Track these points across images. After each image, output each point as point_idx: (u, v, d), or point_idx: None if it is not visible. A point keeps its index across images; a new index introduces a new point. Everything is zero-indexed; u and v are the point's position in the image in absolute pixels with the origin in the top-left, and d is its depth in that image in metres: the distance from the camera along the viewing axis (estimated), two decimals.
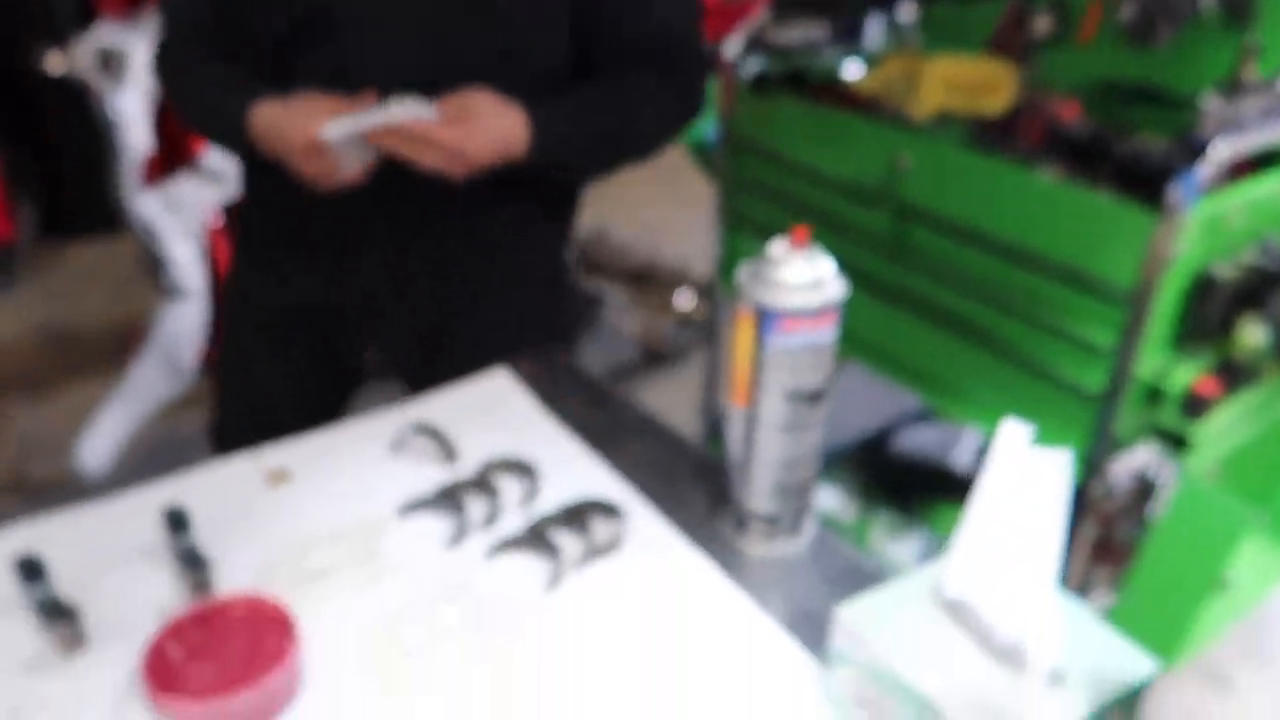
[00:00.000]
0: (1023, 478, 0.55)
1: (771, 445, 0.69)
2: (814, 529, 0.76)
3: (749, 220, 1.64)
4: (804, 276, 0.64)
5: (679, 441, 0.87)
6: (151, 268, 2.21)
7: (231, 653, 0.61)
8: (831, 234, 1.47)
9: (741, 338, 0.67)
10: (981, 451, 1.82)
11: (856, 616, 0.57)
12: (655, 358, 2.62)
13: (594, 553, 0.72)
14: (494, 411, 0.88)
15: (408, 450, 0.83)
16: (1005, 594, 0.55)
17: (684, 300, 2.74)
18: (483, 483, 0.78)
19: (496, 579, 0.70)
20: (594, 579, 0.70)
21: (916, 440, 1.85)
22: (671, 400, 2.40)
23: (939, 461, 1.81)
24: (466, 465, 0.81)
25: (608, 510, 0.76)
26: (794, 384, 0.66)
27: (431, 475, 0.80)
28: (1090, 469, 1.26)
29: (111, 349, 2.43)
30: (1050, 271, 1.21)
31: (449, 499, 0.76)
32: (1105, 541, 1.42)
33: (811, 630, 0.66)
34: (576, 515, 0.75)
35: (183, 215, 2.26)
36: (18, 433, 2.35)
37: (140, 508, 0.74)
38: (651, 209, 3.48)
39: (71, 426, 2.20)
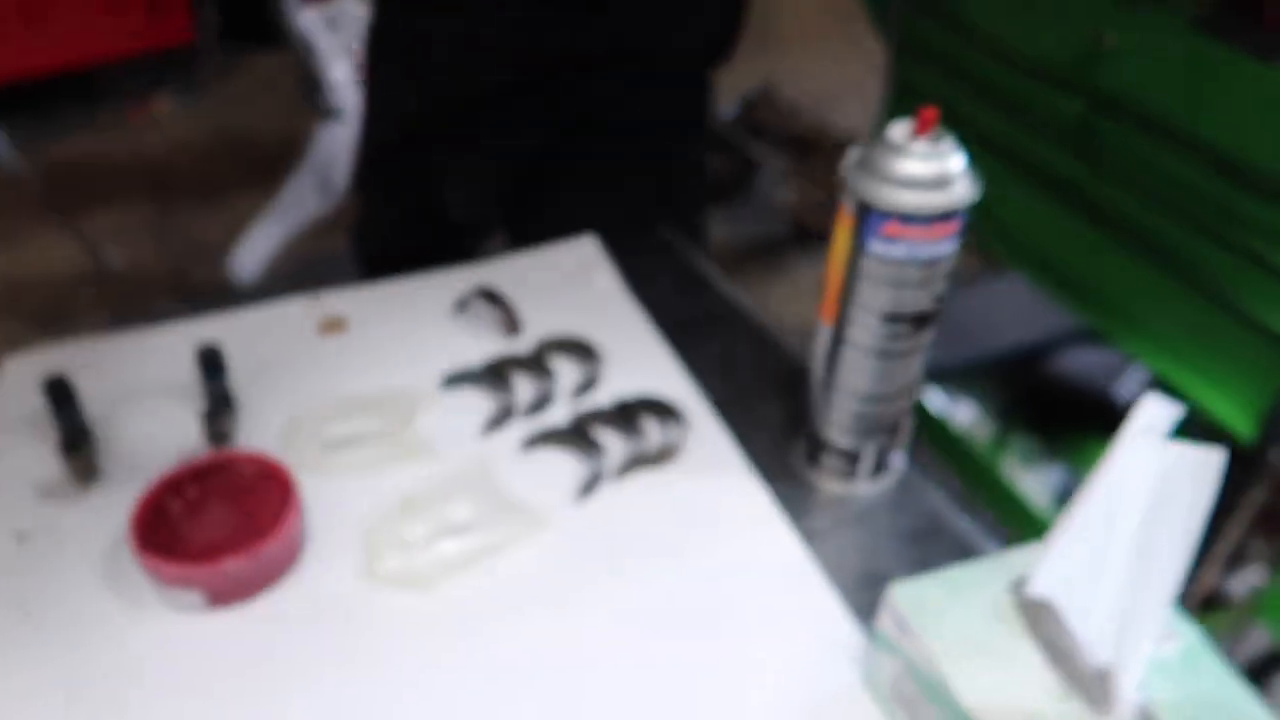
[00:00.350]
0: (1157, 470, 0.42)
1: (857, 372, 0.58)
2: (902, 469, 0.65)
3: (918, 93, 1.45)
4: (923, 171, 0.51)
5: (776, 345, 0.77)
6: (309, 86, 2.21)
7: (227, 515, 0.57)
8: (1009, 120, 1.28)
9: (839, 239, 0.56)
10: (1151, 386, 1.62)
11: (909, 598, 0.47)
12: (806, 235, 2.46)
13: (640, 461, 0.64)
14: (570, 284, 0.80)
15: (470, 315, 0.76)
16: (1105, 607, 0.44)
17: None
18: (537, 363, 0.71)
19: (527, 475, 0.63)
20: (633, 492, 0.62)
21: (1077, 363, 1.66)
22: (813, 285, 2.25)
23: (1099, 390, 1.62)
24: (528, 340, 0.74)
25: (666, 413, 0.67)
26: (893, 304, 0.54)
27: (489, 346, 0.73)
28: (1273, 426, 1.07)
29: (283, 160, 2.48)
30: (1275, 192, 1.00)
31: (496, 376, 0.69)
32: (1272, 510, 1.23)
33: (872, 594, 0.57)
34: (629, 414, 0.66)
35: (342, 34, 2.23)
36: (185, 235, 2.47)
37: (186, 341, 0.71)
38: (828, 69, 3.22)
39: (236, 234, 2.28)
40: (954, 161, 0.51)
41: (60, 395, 0.63)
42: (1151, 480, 0.42)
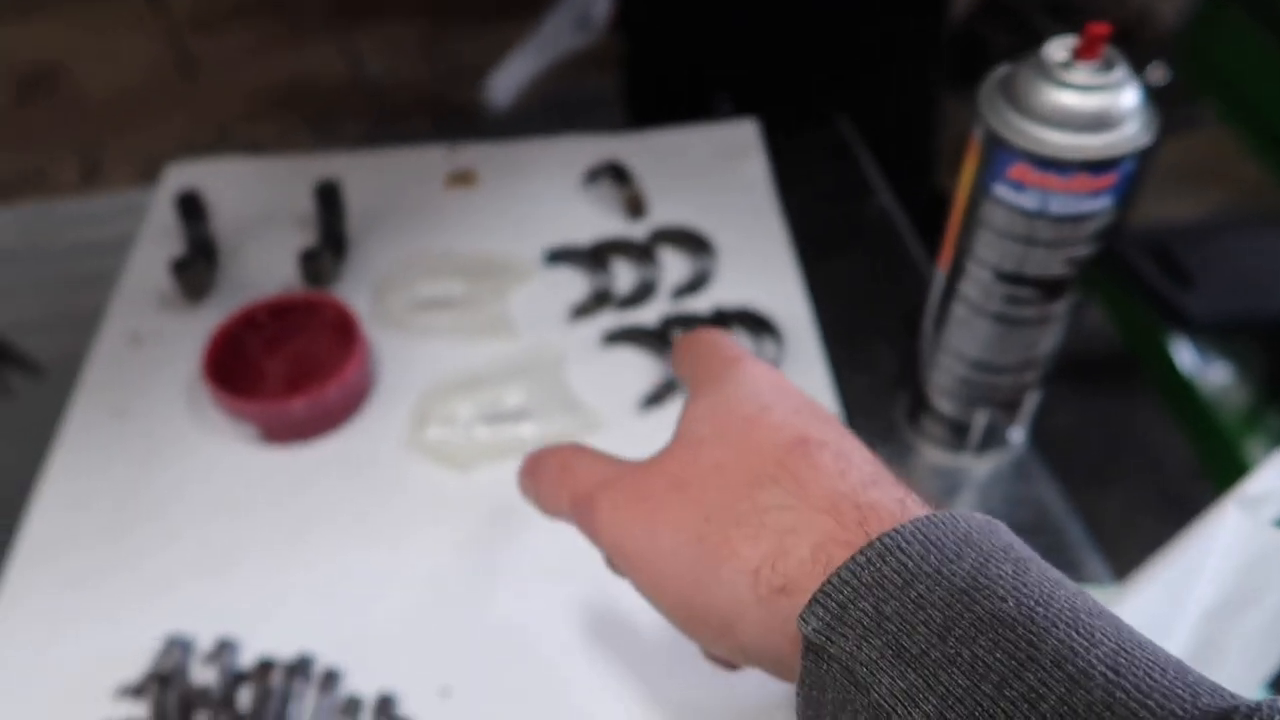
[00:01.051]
0: (1256, 554, 0.32)
1: (967, 332, 0.49)
2: (1020, 446, 0.56)
3: None
4: (1075, 105, 0.40)
5: (921, 279, 0.67)
6: None
7: (299, 355, 0.59)
8: None
9: (965, 172, 0.46)
10: None
11: None
12: None
13: None
14: (713, 170, 0.73)
15: (597, 188, 0.72)
16: None
17: (1156, 75, 2.18)
18: (646, 252, 0.66)
19: (602, 372, 0.60)
20: None
21: None
22: None
23: None
24: (647, 225, 0.68)
25: (764, 329, 0.61)
26: (1015, 262, 0.44)
27: (609, 225, 0.69)
28: None
29: None
30: None
31: (598, 261, 0.65)
32: None
33: None
34: (722, 325, 0.61)
35: None
36: (451, 57, 2.55)
37: (330, 174, 0.72)
38: None
39: (496, 61, 2.32)
40: (1124, 98, 0.40)
41: (190, 209, 0.66)
42: (1246, 564, 0.32)
